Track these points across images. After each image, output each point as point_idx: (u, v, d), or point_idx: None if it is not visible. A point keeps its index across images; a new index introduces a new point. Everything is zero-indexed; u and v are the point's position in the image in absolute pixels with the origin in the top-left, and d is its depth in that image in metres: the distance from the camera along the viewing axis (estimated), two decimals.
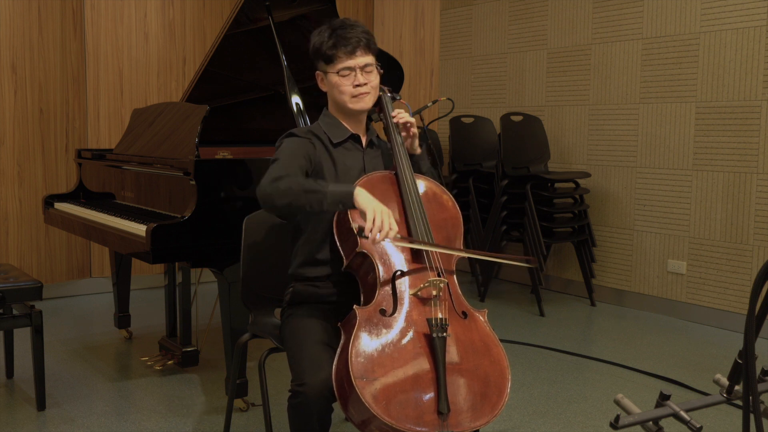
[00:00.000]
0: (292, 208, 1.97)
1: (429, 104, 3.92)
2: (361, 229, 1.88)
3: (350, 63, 2.14)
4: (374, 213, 1.87)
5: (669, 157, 4.61)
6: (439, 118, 4.54)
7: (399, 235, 1.93)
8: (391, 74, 3.70)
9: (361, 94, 2.16)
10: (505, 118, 4.90)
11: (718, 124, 4.36)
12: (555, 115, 5.25)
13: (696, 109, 4.46)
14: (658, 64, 4.63)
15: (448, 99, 3.81)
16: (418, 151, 2.27)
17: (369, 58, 2.18)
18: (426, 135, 4.26)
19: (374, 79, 2.19)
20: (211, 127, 3.34)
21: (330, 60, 2.16)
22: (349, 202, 1.92)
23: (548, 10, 5.25)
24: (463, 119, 5.39)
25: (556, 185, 5.01)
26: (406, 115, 2.23)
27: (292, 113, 3.35)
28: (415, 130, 2.24)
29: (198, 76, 3.49)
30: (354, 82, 2.15)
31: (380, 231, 1.86)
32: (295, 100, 3.36)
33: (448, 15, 5.98)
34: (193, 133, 3.08)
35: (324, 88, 2.24)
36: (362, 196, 1.91)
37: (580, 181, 4.94)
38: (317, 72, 2.23)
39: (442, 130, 5.83)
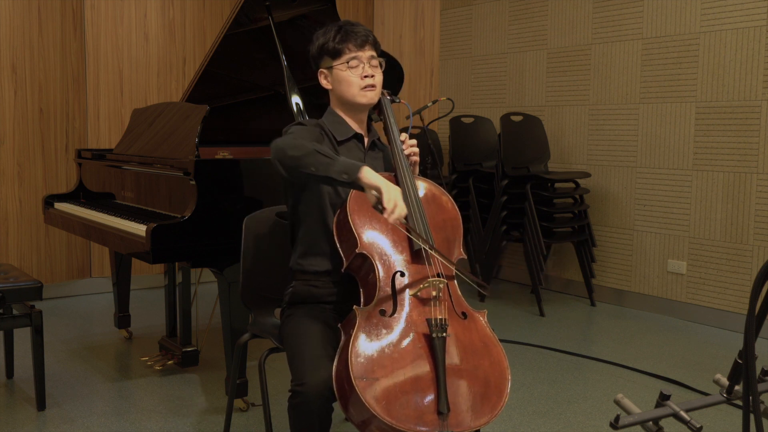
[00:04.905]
0: (299, 165, 1.92)
1: (429, 104, 3.93)
2: (378, 202, 1.87)
3: (359, 54, 2.16)
4: (387, 188, 1.86)
5: (669, 157, 4.61)
6: (439, 118, 4.54)
7: (405, 220, 1.92)
8: (391, 74, 3.70)
9: (369, 86, 2.17)
10: (505, 118, 4.90)
11: (718, 124, 4.36)
12: (555, 115, 5.25)
13: (696, 109, 4.46)
14: (658, 64, 4.63)
15: (448, 99, 3.82)
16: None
17: (375, 53, 2.21)
18: (426, 135, 4.26)
19: (379, 75, 2.21)
20: (211, 127, 3.34)
21: (338, 53, 2.17)
22: (353, 175, 1.88)
23: (548, 10, 5.24)
24: (463, 119, 5.39)
25: (556, 185, 5.00)
26: (413, 146, 2.23)
27: (292, 113, 3.35)
28: (416, 158, 2.24)
29: (198, 76, 3.49)
30: (362, 73, 2.16)
31: (394, 206, 1.85)
32: (295, 100, 3.36)
33: (448, 15, 5.98)
34: (193, 133, 3.09)
35: (328, 86, 2.23)
36: (371, 173, 1.90)
37: (580, 181, 4.94)
38: (320, 71, 2.23)
39: (442, 130, 5.83)
